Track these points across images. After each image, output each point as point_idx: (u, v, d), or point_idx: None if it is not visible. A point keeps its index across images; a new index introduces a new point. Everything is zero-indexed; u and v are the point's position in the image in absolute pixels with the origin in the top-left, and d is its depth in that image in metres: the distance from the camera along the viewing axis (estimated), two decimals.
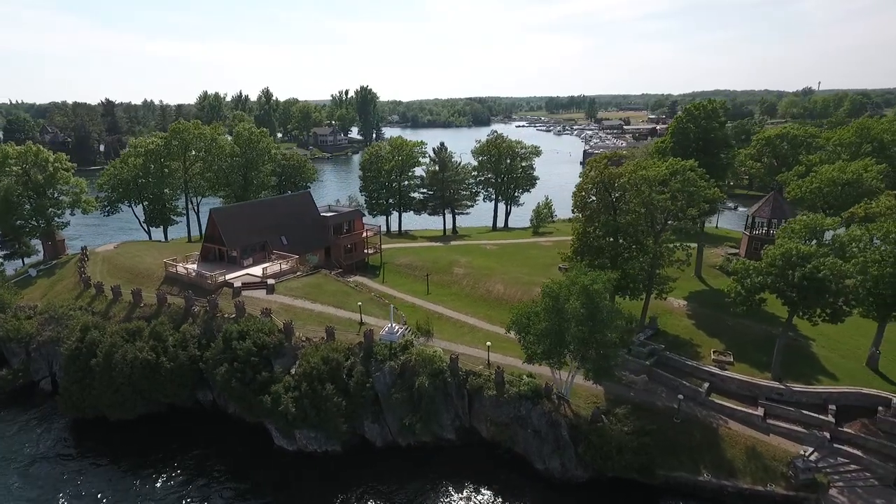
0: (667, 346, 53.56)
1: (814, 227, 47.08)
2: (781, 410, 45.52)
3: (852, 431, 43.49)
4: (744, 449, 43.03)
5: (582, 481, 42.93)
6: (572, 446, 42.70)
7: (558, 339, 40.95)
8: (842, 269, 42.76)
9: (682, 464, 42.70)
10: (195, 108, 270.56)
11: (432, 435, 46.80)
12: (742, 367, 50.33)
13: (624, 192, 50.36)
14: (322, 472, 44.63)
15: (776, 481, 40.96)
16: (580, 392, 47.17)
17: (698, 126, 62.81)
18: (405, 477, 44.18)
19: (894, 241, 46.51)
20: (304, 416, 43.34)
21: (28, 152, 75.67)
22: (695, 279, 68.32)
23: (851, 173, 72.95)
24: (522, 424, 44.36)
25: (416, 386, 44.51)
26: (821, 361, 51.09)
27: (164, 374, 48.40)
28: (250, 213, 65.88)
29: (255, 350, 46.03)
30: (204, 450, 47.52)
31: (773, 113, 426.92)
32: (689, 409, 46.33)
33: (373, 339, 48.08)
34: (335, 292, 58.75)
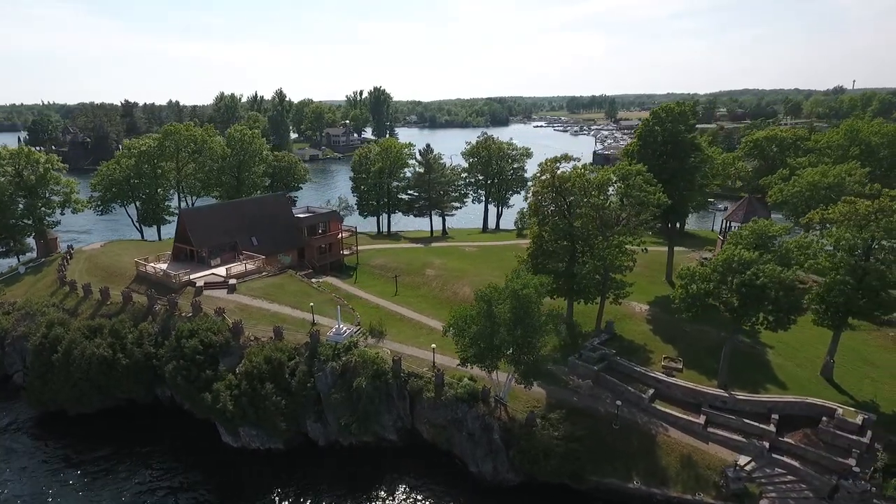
0: (620, 351, 53.29)
1: (762, 233, 46.33)
2: (723, 419, 44.98)
3: (792, 442, 42.78)
4: (679, 457, 42.69)
5: (514, 485, 43.10)
6: (504, 450, 42.90)
7: (488, 342, 41.18)
8: (781, 277, 42.08)
9: (616, 470, 42.54)
10: (211, 109, 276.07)
11: (374, 435, 47.46)
12: (691, 374, 49.85)
13: (575, 196, 50.20)
14: (263, 470, 45.64)
15: (707, 490, 40.56)
16: (522, 396, 47.26)
17: (665, 129, 62.10)
18: (343, 477, 44.95)
19: (846, 248, 45.61)
20: (242, 413, 44.43)
21: (20, 153, 78.50)
22: (664, 283, 67.64)
23: (833, 177, 71.41)
24: (458, 427, 44.72)
25: (354, 387, 45.18)
26: (774, 370, 50.29)
27: (120, 370, 50.02)
28: (220, 214, 67.41)
29: (201, 348, 47.30)
30: (156, 445, 48.95)
31: (797, 113, 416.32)
32: (630, 416, 46.14)
33: (319, 339, 48.92)
34: (296, 293, 59.81)
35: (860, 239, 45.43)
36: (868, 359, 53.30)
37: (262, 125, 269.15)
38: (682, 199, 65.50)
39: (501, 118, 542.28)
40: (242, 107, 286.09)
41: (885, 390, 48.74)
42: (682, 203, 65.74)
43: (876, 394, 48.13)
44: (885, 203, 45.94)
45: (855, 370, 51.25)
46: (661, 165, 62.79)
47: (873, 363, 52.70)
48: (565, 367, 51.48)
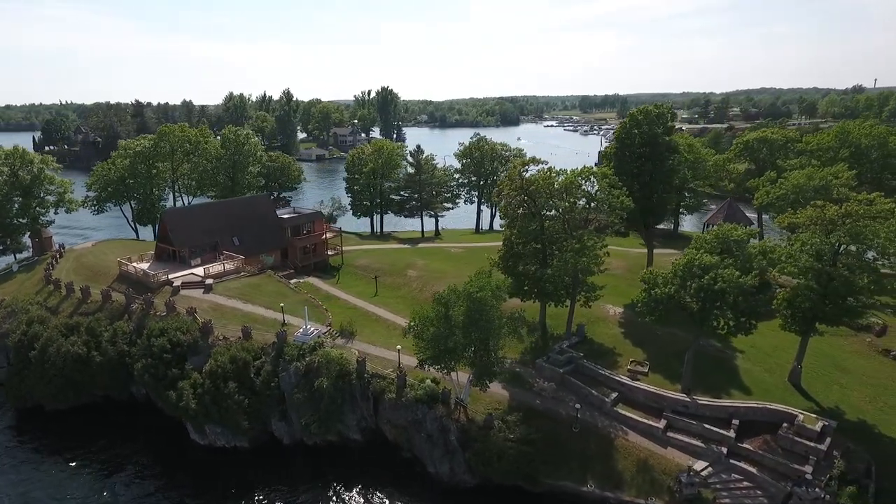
0: (590, 354, 53.32)
1: (725, 238, 46.09)
2: (684, 423, 44.85)
3: (751, 448, 42.53)
4: (636, 461, 42.67)
5: (470, 486, 43.41)
6: (461, 451, 43.22)
7: (444, 345, 41.51)
8: (739, 282, 41.85)
9: (572, 473, 42.66)
10: (220, 109, 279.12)
11: (338, 435, 48.07)
12: (657, 377, 49.75)
13: (541, 198, 50.28)
14: (229, 468, 46.51)
15: (660, 495, 40.52)
16: (484, 398, 47.52)
17: (642, 131, 61.88)
18: (306, 475, 45.61)
19: (812, 252, 45.21)
20: (205, 412, 45.28)
21: (15, 154, 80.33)
22: (643, 286, 67.26)
23: (819, 180, 70.61)
24: (418, 428, 45.11)
25: (315, 387, 45.78)
26: (741, 375, 50.01)
27: (94, 368, 51.19)
28: (201, 215, 68.48)
29: (168, 347, 48.25)
30: (129, 442, 49.99)
31: (812, 112, 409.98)
32: (591, 419, 46.20)
33: (285, 339, 49.61)
34: (272, 293, 60.62)
35: (826, 244, 45.05)
36: (840, 364, 52.76)
37: (269, 125, 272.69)
38: (660, 200, 65.30)
39: (512, 118, 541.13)
40: (251, 107, 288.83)
41: (852, 397, 48.30)
42: (661, 205, 65.47)
43: (843, 400, 47.70)
44: (853, 207, 45.47)
45: (825, 376, 50.79)
46: (639, 167, 62.66)
47: (845, 369, 52.17)
48: (533, 370, 51.75)
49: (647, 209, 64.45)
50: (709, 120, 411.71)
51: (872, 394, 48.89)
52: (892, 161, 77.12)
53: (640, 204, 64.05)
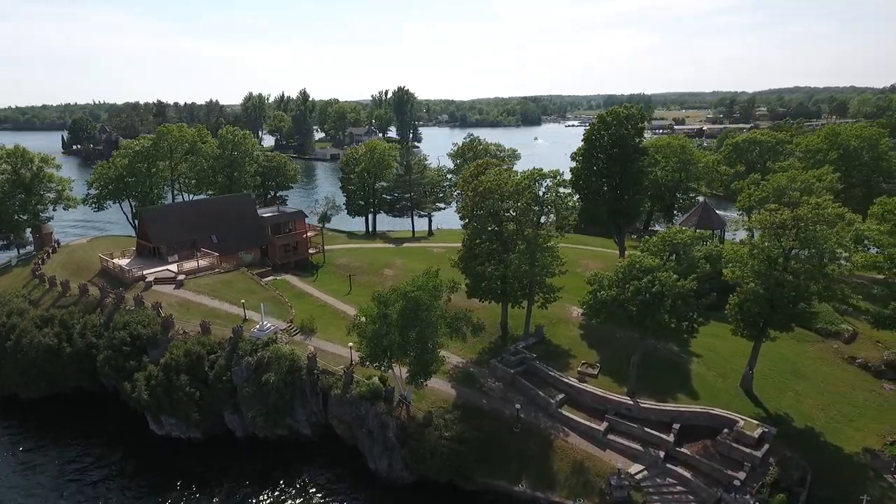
0: (545, 355, 53.49)
1: (670, 241, 45.81)
2: (625, 426, 44.80)
3: (688, 452, 42.30)
4: (572, 462, 42.84)
5: (408, 482, 44.11)
6: (399, 448, 43.92)
7: (379, 343, 42.30)
8: (676, 285, 41.64)
9: (508, 472, 43.03)
10: (240, 109, 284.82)
11: (288, 429, 49.30)
12: (606, 380, 49.73)
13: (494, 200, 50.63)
14: (181, 458, 48.26)
15: (591, 497, 40.62)
16: (431, 396, 48.18)
17: (611, 133, 61.66)
18: (255, 467, 46.96)
19: (761, 257, 44.69)
20: (158, 403, 46.94)
21: (16, 152, 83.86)
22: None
23: (801, 182, 69.33)
24: (361, 424, 46.02)
25: (263, 381, 47.06)
26: (692, 379, 49.63)
27: (64, 359, 53.34)
28: (180, 213, 70.65)
29: (128, 340, 50.13)
30: (95, 431, 52.15)
31: (843, 112, 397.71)
32: (535, 420, 46.48)
33: (241, 334, 51.04)
34: (242, 290, 62.22)
35: (777, 248, 44.49)
36: (800, 371, 51.90)
37: (286, 125, 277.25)
38: (631, 202, 64.96)
39: (533, 117, 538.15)
40: (270, 107, 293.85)
41: (805, 404, 47.56)
42: (632, 206, 65.08)
43: (794, 407, 47.03)
44: (803, 212, 44.71)
45: (780, 382, 50.08)
46: (608, 168, 62.52)
47: (804, 376, 51.32)
48: (487, 370, 52.19)
49: (618, 210, 64.23)
50: (734, 120, 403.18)
51: (827, 401, 48.03)
52: (883, 164, 74.98)
53: (609, 205, 63.99)
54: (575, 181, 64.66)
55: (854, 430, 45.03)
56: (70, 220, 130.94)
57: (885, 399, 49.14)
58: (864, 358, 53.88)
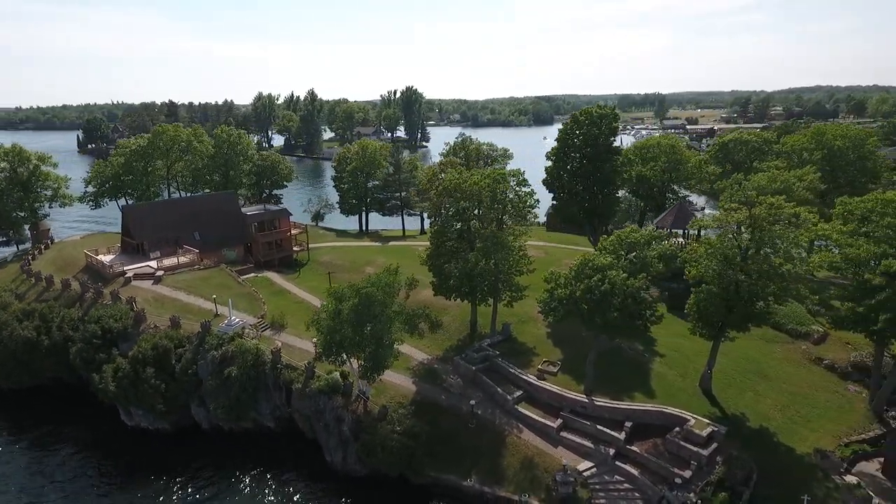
0: (509, 353, 53.93)
1: (625, 240, 45.99)
2: (579, 424, 45.10)
3: (638, 450, 42.48)
4: (522, 459, 43.25)
5: (361, 475, 44.92)
6: (353, 442, 44.72)
7: (332, 338, 43.16)
8: (626, 283, 41.85)
9: (459, 467, 43.56)
10: (249, 109, 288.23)
11: (253, 421, 50.45)
12: (565, 378, 50.04)
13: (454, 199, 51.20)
14: (149, 448, 49.68)
15: (537, 493, 40.98)
16: (390, 391, 48.96)
17: (583, 133, 61.85)
18: (217, 459, 48.12)
19: (717, 256, 44.69)
20: (124, 395, 48.30)
21: (13, 151, 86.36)
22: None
23: (781, 182, 68.79)
24: (319, 417, 46.90)
25: (225, 375, 48.18)
26: (652, 378, 49.71)
27: (43, 351, 55.00)
28: (162, 211, 72.29)
29: (99, 333, 51.60)
30: (71, 421, 53.81)
31: (861, 111, 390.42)
32: (491, 416, 46.98)
33: (209, 329, 52.25)
34: (218, 286, 63.51)
35: (734, 248, 44.47)
36: (764, 371, 51.69)
37: (295, 124, 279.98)
38: (606, 201, 65.05)
39: (546, 117, 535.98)
40: (279, 107, 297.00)
41: (763, 404, 47.43)
42: (607, 205, 65.14)
43: (752, 407, 46.91)
44: (759, 211, 44.61)
45: (742, 382, 49.95)
46: (581, 168, 62.70)
47: (767, 376, 51.12)
48: (451, 367, 52.81)
49: (591, 209, 64.38)
50: (748, 119, 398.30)
51: (787, 402, 47.83)
52: (869, 164, 73.97)
53: (582, 204, 64.19)
54: (549, 181, 64.96)
55: (810, 430, 44.81)
56: (75, 218, 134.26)
57: (848, 400, 48.76)
58: (831, 359, 53.46)
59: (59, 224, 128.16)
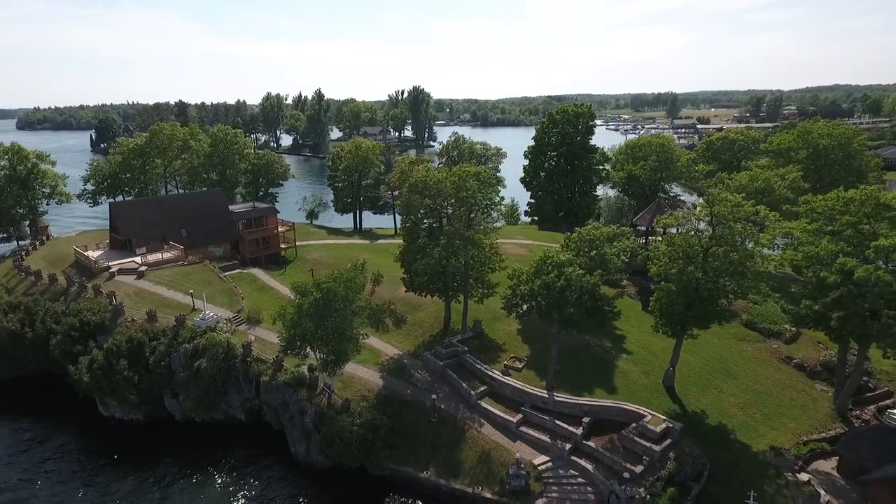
0: (479, 349, 54.49)
1: (587, 238, 46.34)
2: (538, 419, 45.59)
3: (594, 445, 42.86)
4: (480, 452, 43.85)
5: (323, 467, 45.81)
6: (316, 434, 45.61)
7: (295, 330, 44.12)
8: (583, 280, 42.26)
9: (417, 460, 44.31)
10: (258, 108, 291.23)
11: (224, 413, 51.62)
12: (530, 374, 50.51)
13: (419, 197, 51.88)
14: (123, 438, 51.00)
15: (491, 486, 41.56)
16: (356, 385, 49.85)
17: (559, 131, 62.20)
18: (188, 449, 49.33)
19: (678, 255, 44.94)
20: (97, 385, 49.70)
21: (11, 149, 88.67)
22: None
23: (762, 181, 68.62)
24: (285, 409, 47.88)
25: (195, 367, 49.36)
26: (615, 375, 49.95)
27: (26, 343, 56.68)
28: (149, 208, 73.82)
29: (77, 325, 53.07)
30: (53, 412, 55.34)
31: (876, 111, 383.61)
32: (455, 411, 47.62)
33: (183, 322, 53.49)
34: (200, 281, 64.84)
35: (697, 246, 44.68)
36: (731, 370, 51.75)
37: (302, 124, 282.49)
38: (583, 199, 65.32)
39: None
40: (288, 107, 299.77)
41: (726, 402, 47.55)
42: (585, 203, 65.41)
43: (713, 405, 47.06)
44: (720, 209, 44.78)
45: (707, 380, 50.06)
46: (557, 166, 63.07)
47: (734, 374, 51.18)
48: (420, 362, 53.54)
49: (568, 207, 64.70)
50: (760, 119, 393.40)
51: (750, 400, 47.88)
52: (854, 163, 73.32)
53: (558, 202, 64.54)
54: (527, 179, 65.39)
55: (770, 428, 44.86)
56: (79, 216, 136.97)
57: (813, 399, 48.65)
58: (801, 358, 53.30)
59: (65, 222, 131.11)
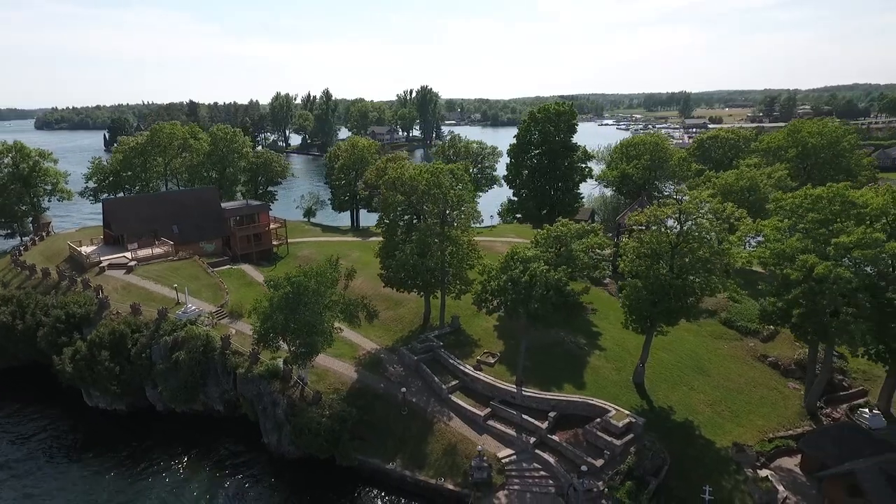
0: (455, 344, 55.16)
1: (555, 234, 46.76)
2: (506, 413, 46.11)
3: (558, 439, 43.31)
4: (446, 445, 44.49)
5: (294, 457, 46.73)
6: (287, 425, 46.54)
7: (266, 323, 45.13)
8: (548, 276, 42.73)
9: (385, 451, 45.07)
10: (267, 108, 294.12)
11: (203, 405, 52.81)
12: (502, 369, 51.06)
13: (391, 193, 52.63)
14: (106, 428, 52.35)
15: (454, 478, 42.17)
16: (331, 377, 50.78)
17: (540, 130, 62.59)
18: (167, 439, 50.51)
19: (647, 253, 45.20)
20: (80, 376, 51.12)
21: (14, 147, 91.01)
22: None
23: (747, 179, 68.47)
24: (259, 401, 48.89)
25: (173, 359, 50.58)
26: (586, 371, 50.39)
27: (17, 335, 58.33)
28: (141, 204, 75.50)
29: (63, 318, 54.58)
30: (41, 401, 56.90)
31: (893, 110, 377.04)
32: (425, 404, 48.33)
33: (165, 315, 54.78)
34: (187, 276, 66.21)
35: (665, 243, 44.92)
36: (704, 367, 51.86)
37: (310, 123, 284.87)
38: (565, 197, 65.64)
39: None
40: (297, 106, 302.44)
41: (695, 399, 47.70)
42: (565, 200, 65.71)
43: (682, 402, 47.26)
44: (687, 206, 45.01)
45: (679, 377, 50.25)
46: (537, 164, 63.46)
47: (707, 372, 51.29)
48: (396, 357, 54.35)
49: (549, 205, 65.04)
50: (773, 118, 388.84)
51: (720, 397, 47.98)
52: (843, 161, 72.72)
53: (539, 200, 64.93)
54: (509, 177, 65.87)
55: (737, 425, 44.95)
56: (86, 213, 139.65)
57: (784, 397, 48.59)
58: (776, 357, 53.20)
59: (73, 218, 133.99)
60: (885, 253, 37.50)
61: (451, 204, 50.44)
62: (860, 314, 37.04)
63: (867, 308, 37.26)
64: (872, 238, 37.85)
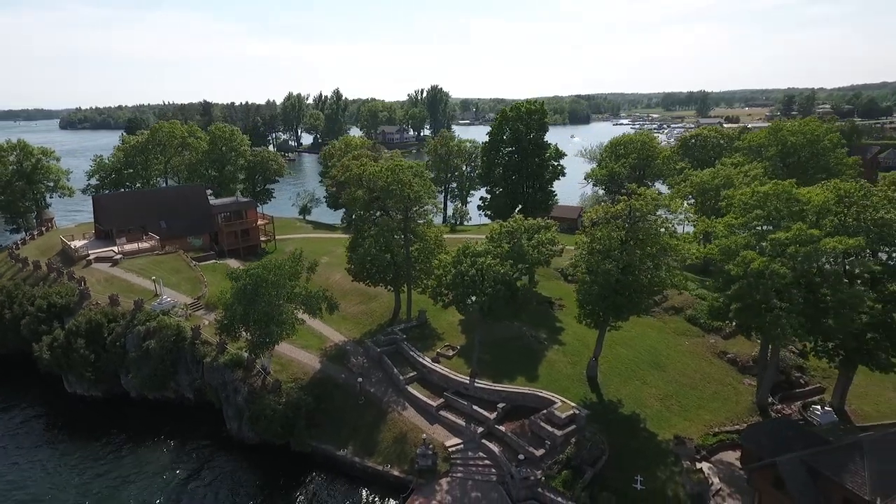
0: (418, 337, 56.40)
1: (508, 231, 47.74)
2: (458, 404, 47.25)
3: (504, 429, 44.31)
4: (397, 434, 45.80)
5: (253, 443, 48.51)
6: (248, 411, 48.31)
7: (228, 314, 46.96)
8: (496, 269, 43.76)
9: (339, 439, 46.55)
10: (279, 108, 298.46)
11: (175, 392, 54.93)
12: (459, 362, 52.16)
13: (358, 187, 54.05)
14: (80, 413, 54.75)
15: (401, 465, 43.48)
16: (292, 368, 52.44)
17: (510, 128, 63.56)
18: (138, 425, 52.64)
19: (599, 250, 45.88)
20: (56, 362, 53.55)
21: (17, 146, 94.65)
22: None
23: (722, 178, 68.63)
24: (223, 389, 50.79)
25: (144, 348, 52.71)
26: (541, 364, 51.28)
27: (5, 324, 61.12)
28: (130, 200, 78.20)
29: (45, 307, 57.13)
30: (22, 387, 59.62)
31: None
32: (382, 394, 49.73)
33: (141, 306, 57.00)
34: (170, 269, 68.54)
35: (616, 240, 45.58)
36: (660, 362, 52.40)
37: (321, 123, 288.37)
38: (539, 195, 66.44)
39: (582, 116, 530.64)
40: (308, 106, 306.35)
41: (646, 393, 48.31)
42: (537, 199, 66.51)
43: (632, 395, 47.89)
44: (637, 203, 45.59)
45: (633, 372, 50.87)
46: (508, 162, 64.38)
47: (663, 367, 51.83)
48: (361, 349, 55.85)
49: (521, 202, 65.91)
50: (791, 117, 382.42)
51: (671, 392, 48.52)
52: (824, 160, 72.29)
53: (510, 198, 65.86)
54: (483, 175, 66.91)
55: (684, 419, 45.48)
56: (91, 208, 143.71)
57: (737, 393, 48.91)
58: (734, 353, 53.46)
59: (80, 215, 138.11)
60: (820, 249, 37.77)
61: (412, 200, 51.67)
62: (793, 308, 37.43)
63: (800, 303, 37.62)
64: (808, 234, 38.19)
